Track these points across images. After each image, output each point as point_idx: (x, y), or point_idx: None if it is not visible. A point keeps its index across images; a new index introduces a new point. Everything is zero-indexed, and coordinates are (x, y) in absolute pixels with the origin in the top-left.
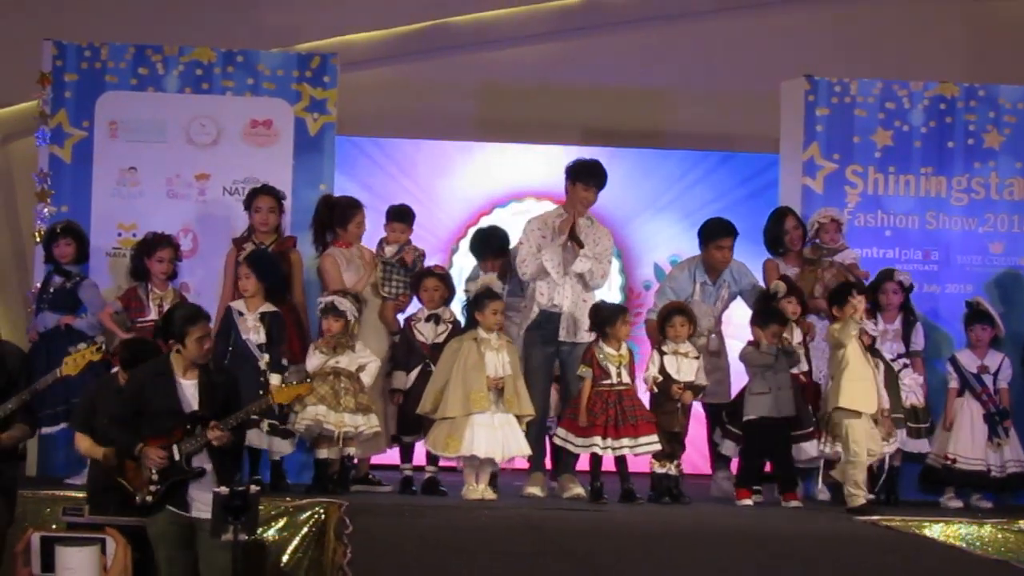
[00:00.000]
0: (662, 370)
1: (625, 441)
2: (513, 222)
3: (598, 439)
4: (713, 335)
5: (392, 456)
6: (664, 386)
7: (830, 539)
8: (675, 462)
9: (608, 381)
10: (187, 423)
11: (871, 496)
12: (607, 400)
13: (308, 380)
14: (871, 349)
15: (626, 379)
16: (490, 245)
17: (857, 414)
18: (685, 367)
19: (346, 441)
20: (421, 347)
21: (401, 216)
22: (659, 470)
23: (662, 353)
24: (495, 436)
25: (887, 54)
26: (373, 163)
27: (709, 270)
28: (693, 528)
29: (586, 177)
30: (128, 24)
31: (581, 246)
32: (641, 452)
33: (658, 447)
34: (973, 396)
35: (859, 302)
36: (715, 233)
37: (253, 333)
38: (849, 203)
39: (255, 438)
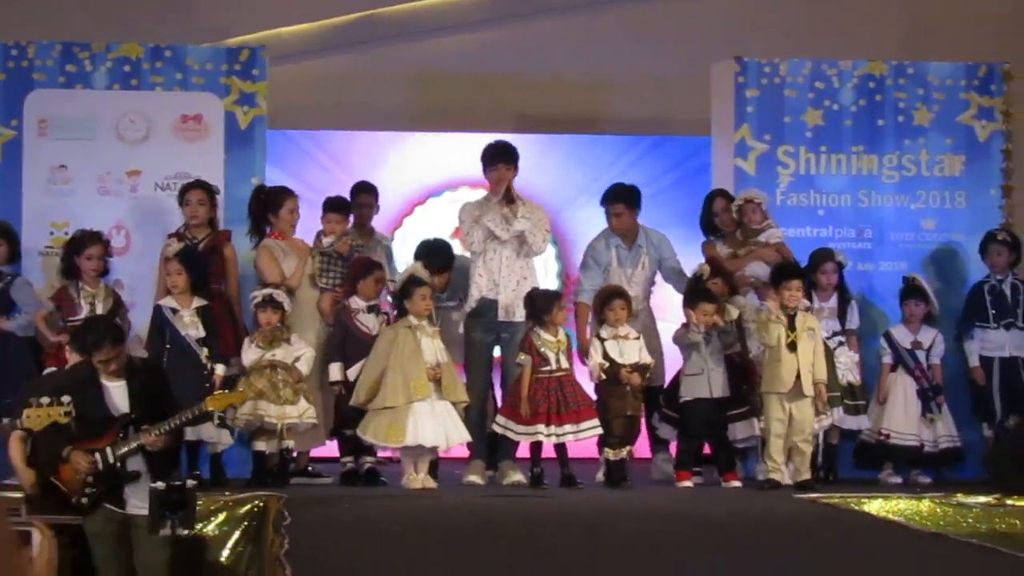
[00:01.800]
0: (605, 356)
1: (568, 427)
2: (448, 211)
3: (541, 426)
4: (643, 310)
5: (331, 449)
6: (611, 371)
7: (770, 518)
8: (628, 448)
9: (548, 367)
10: (119, 426)
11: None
12: (548, 387)
13: (243, 376)
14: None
15: (565, 364)
16: (437, 258)
17: (775, 393)
18: (628, 349)
19: (285, 434)
20: (364, 338)
21: (337, 207)
22: (613, 457)
23: (602, 339)
24: (438, 424)
25: (816, 34)
26: (307, 156)
27: (620, 236)
28: (634, 511)
29: (492, 159)
30: (55, 22)
31: (513, 201)
32: (584, 437)
33: (599, 431)
34: (906, 372)
35: (788, 297)
36: (606, 199)
37: (191, 328)
38: (781, 183)
39: (209, 431)
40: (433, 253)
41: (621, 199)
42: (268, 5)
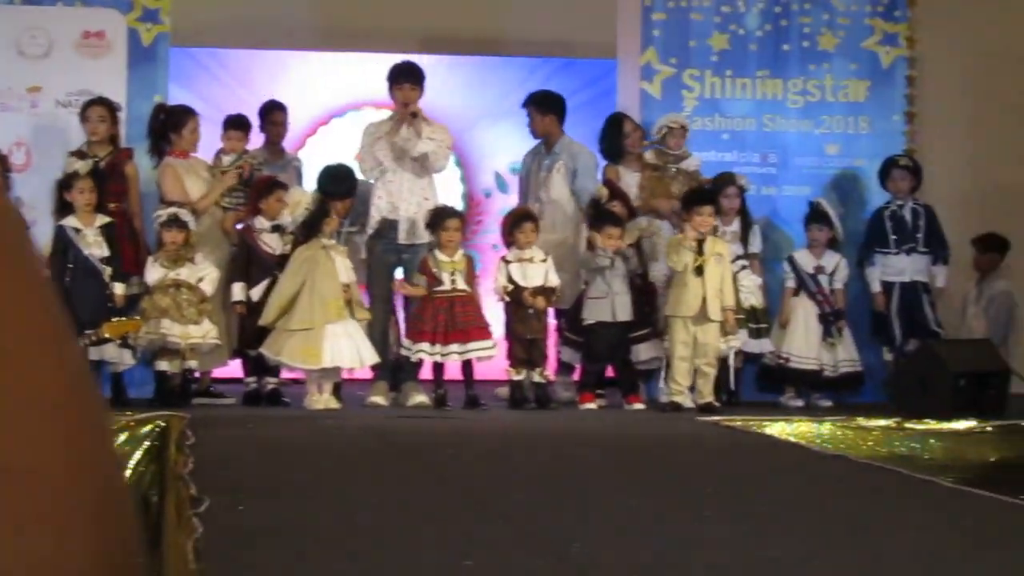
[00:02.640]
0: (510, 279)
1: (454, 347)
2: (352, 132)
3: (426, 345)
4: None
5: (233, 369)
6: (515, 294)
7: (673, 440)
8: (538, 369)
9: (441, 288)
10: None
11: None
12: (438, 307)
13: (147, 295)
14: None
15: (461, 285)
16: (340, 184)
17: (680, 318)
18: (532, 272)
19: (188, 354)
20: (268, 258)
21: (238, 125)
22: (515, 377)
23: (507, 262)
24: (352, 345)
25: None
26: (209, 74)
27: (544, 142)
28: (536, 432)
29: (395, 76)
30: None
31: (415, 121)
32: (471, 356)
33: (491, 353)
34: (809, 296)
35: (698, 223)
36: (526, 100)
37: (96, 248)
38: (687, 107)
39: (111, 351)
40: (335, 180)
41: (529, 103)
42: None
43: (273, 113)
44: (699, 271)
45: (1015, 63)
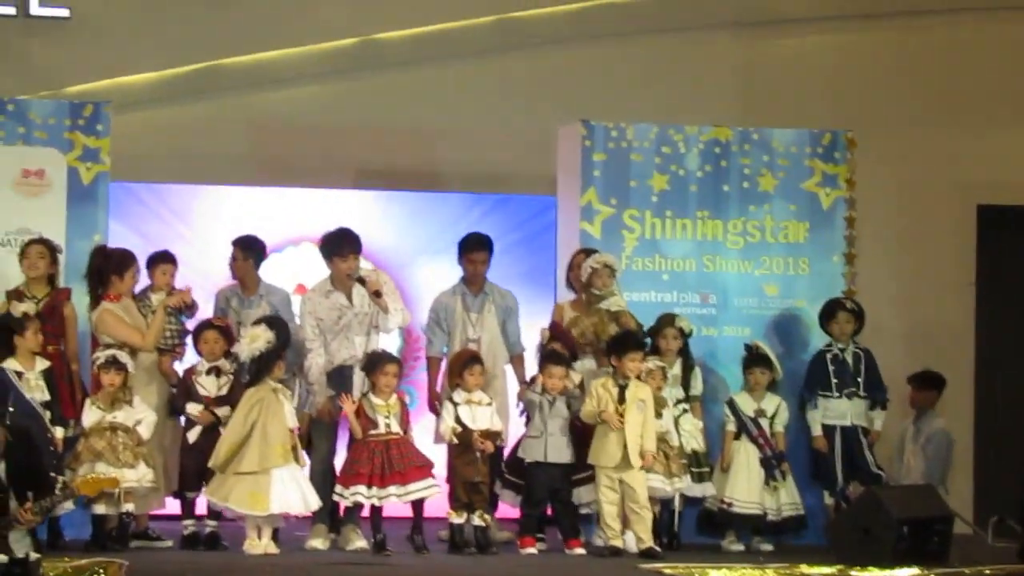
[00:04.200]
0: (458, 420)
1: (392, 489)
2: (291, 267)
3: (362, 488)
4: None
5: (170, 508)
6: (463, 436)
7: None
8: (478, 512)
9: (375, 431)
10: None
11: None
12: (373, 449)
13: (83, 438)
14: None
15: (396, 428)
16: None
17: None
18: (480, 415)
19: (124, 497)
20: (204, 400)
21: (164, 260)
22: (456, 520)
23: (455, 403)
24: (298, 489)
25: (662, 96)
26: (147, 209)
27: (468, 284)
28: None
29: (340, 248)
30: None
31: (379, 295)
32: (411, 499)
33: (433, 492)
34: (750, 439)
35: (629, 368)
36: (469, 246)
37: (37, 391)
38: (627, 247)
39: None
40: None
41: (486, 247)
42: (108, 52)
43: (234, 251)
44: (621, 419)
45: (948, 199)
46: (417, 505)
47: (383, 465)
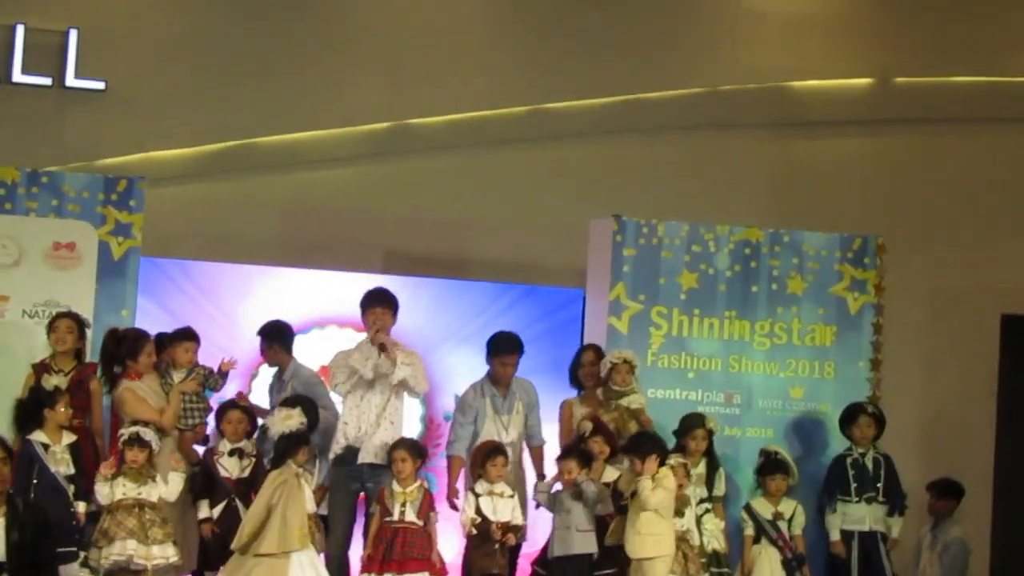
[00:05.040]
0: (478, 511)
1: None
2: (316, 348)
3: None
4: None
5: None
6: (482, 527)
7: None
8: None
9: (389, 518)
10: None
11: None
12: (382, 536)
13: (106, 514)
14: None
15: (410, 516)
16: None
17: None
18: (501, 507)
19: (148, 574)
20: (226, 481)
21: (186, 337)
22: None
23: (476, 495)
24: (315, 574)
25: (694, 193)
26: (175, 286)
27: (495, 383)
28: None
29: (371, 302)
30: None
31: (387, 350)
32: None
33: None
34: (770, 542)
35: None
36: (501, 348)
37: (62, 465)
38: (653, 344)
39: (72, 572)
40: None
41: (519, 350)
42: (142, 127)
43: (261, 341)
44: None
45: (974, 306)
46: None
47: (384, 553)
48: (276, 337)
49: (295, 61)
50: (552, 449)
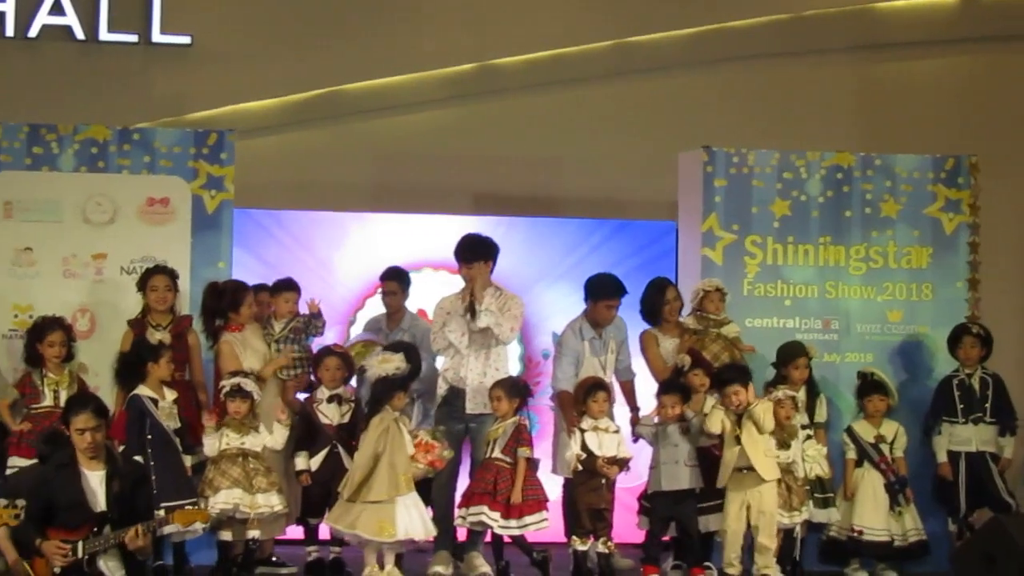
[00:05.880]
0: (584, 447)
1: (512, 522)
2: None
3: (485, 508)
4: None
5: (291, 533)
6: (588, 463)
7: None
8: (602, 539)
9: (485, 456)
10: (95, 521)
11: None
12: (487, 470)
13: (212, 464)
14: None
15: (496, 453)
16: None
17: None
18: (607, 442)
19: (252, 523)
20: (326, 428)
21: (289, 286)
22: (580, 547)
23: (582, 430)
24: (420, 516)
25: (782, 123)
26: (269, 236)
27: (594, 325)
28: None
29: (459, 256)
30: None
31: (474, 312)
32: (526, 531)
33: (544, 526)
34: (872, 466)
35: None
36: (606, 292)
37: (170, 419)
38: (748, 273)
39: None
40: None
41: (622, 292)
42: (228, 79)
43: (385, 283)
44: (737, 440)
45: None
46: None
47: (505, 492)
48: (404, 282)
49: (377, 7)
50: (642, 382)
